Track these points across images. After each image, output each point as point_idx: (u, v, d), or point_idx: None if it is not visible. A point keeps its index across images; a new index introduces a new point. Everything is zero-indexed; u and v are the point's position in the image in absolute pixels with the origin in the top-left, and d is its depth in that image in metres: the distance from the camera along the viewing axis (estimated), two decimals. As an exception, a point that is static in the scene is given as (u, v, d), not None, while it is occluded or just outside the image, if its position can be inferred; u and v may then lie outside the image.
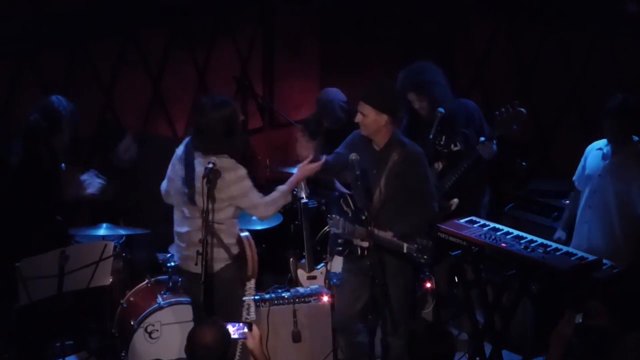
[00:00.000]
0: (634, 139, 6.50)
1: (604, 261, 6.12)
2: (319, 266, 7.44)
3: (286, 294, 6.89)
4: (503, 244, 6.14)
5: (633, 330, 4.98)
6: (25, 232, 6.40)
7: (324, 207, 7.56)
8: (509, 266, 6.25)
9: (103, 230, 6.91)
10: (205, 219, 5.96)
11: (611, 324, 5.12)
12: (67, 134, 6.71)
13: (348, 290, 6.48)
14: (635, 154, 6.49)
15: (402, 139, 6.29)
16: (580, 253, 6.10)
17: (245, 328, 5.20)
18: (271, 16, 9.07)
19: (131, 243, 7.10)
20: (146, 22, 8.26)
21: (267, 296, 6.76)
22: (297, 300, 6.89)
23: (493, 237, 6.21)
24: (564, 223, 6.92)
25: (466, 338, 7.05)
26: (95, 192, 6.81)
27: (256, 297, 6.51)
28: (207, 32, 8.69)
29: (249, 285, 6.35)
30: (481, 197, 7.20)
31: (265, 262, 7.10)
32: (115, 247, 6.53)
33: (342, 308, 6.53)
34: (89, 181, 6.78)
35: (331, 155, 6.42)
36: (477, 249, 6.21)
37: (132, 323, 6.69)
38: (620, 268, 6.10)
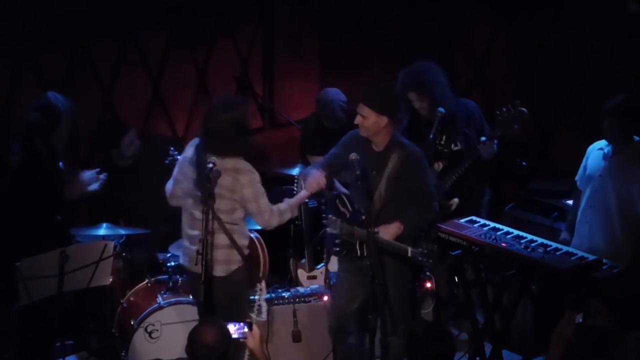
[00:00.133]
0: (635, 139, 6.50)
1: (604, 261, 6.12)
2: (319, 266, 7.44)
3: (286, 294, 6.90)
4: (503, 244, 6.15)
5: (633, 330, 4.98)
6: (25, 232, 6.39)
7: (324, 207, 7.55)
8: (509, 266, 6.25)
9: (103, 230, 6.92)
10: (205, 219, 5.97)
11: (611, 324, 5.12)
12: (66, 131, 6.67)
13: (344, 290, 6.47)
14: (636, 154, 6.49)
15: (402, 140, 6.28)
16: (580, 253, 6.10)
17: (245, 328, 5.20)
18: (271, 16, 9.07)
19: (131, 243, 7.09)
20: (146, 22, 8.26)
21: (267, 296, 6.77)
22: (297, 300, 6.90)
23: (493, 237, 6.21)
24: (569, 224, 6.88)
25: (466, 338, 7.06)
26: (97, 188, 6.79)
27: (271, 295, 6.53)
28: (207, 32, 8.68)
29: (260, 286, 6.37)
30: (481, 197, 7.20)
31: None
32: (115, 247, 6.53)
33: (338, 308, 6.52)
34: (89, 178, 6.76)
35: (327, 155, 6.42)
36: (477, 249, 6.22)
37: (132, 323, 6.69)
38: (620, 268, 6.10)
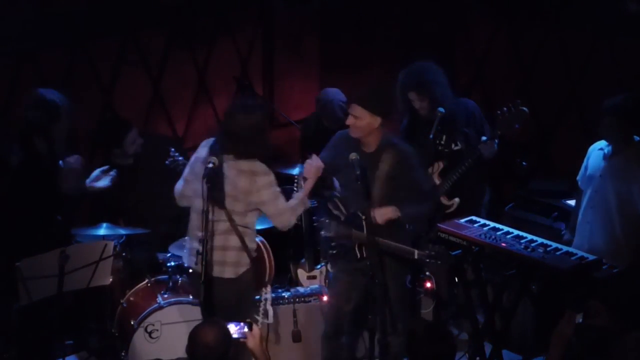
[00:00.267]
0: (635, 139, 6.50)
1: (604, 261, 6.12)
2: (319, 266, 7.44)
3: (286, 294, 6.91)
4: (503, 244, 6.15)
5: (633, 330, 4.97)
6: (25, 232, 6.39)
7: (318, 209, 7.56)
8: (509, 266, 6.26)
9: (103, 230, 6.91)
10: (205, 219, 5.97)
11: (611, 324, 5.12)
12: (67, 122, 6.62)
13: (340, 290, 6.48)
14: (635, 154, 6.49)
15: (393, 140, 6.28)
16: (580, 253, 6.10)
17: (245, 328, 5.20)
18: (271, 16, 9.08)
19: (131, 243, 7.09)
20: (146, 22, 8.26)
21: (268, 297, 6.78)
22: (297, 300, 6.91)
23: (493, 237, 6.21)
24: (572, 224, 6.87)
25: (466, 338, 7.06)
26: (109, 184, 6.76)
27: (271, 295, 6.57)
28: (207, 32, 8.69)
29: (266, 290, 6.38)
30: (481, 197, 7.20)
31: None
32: (115, 247, 6.52)
33: (334, 307, 6.53)
34: (98, 174, 6.74)
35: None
36: (477, 249, 6.22)
37: (132, 323, 6.69)
38: (620, 268, 6.10)
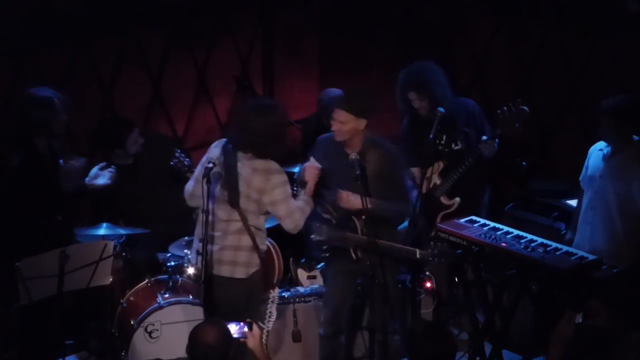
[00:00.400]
0: (634, 139, 6.50)
1: (604, 261, 6.12)
2: (319, 266, 7.44)
3: (286, 294, 6.90)
4: (503, 244, 6.14)
5: (633, 330, 4.97)
6: (25, 232, 6.39)
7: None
8: (509, 266, 6.25)
9: (103, 229, 6.92)
10: (205, 219, 5.97)
11: (611, 324, 5.12)
12: (64, 118, 6.60)
13: (336, 290, 6.54)
14: (634, 154, 6.49)
15: (376, 139, 6.32)
16: (580, 253, 6.09)
17: (245, 327, 5.20)
18: (271, 16, 9.08)
19: (131, 243, 7.10)
20: (146, 22, 8.26)
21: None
22: (297, 300, 6.91)
23: (493, 237, 6.21)
24: (573, 224, 6.86)
25: (466, 338, 7.06)
26: (108, 182, 6.76)
27: (281, 293, 6.60)
28: (207, 32, 8.69)
29: (273, 292, 6.39)
30: (481, 197, 7.20)
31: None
32: (115, 247, 6.52)
33: (331, 309, 6.56)
34: (97, 172, 6.73)
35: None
36: (477, 249, 6.21)
37: (132, 323, 6.69)
38: (620, 268, 6.10)
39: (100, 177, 6.73)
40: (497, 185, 8.04)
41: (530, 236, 6.25)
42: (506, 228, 6.37)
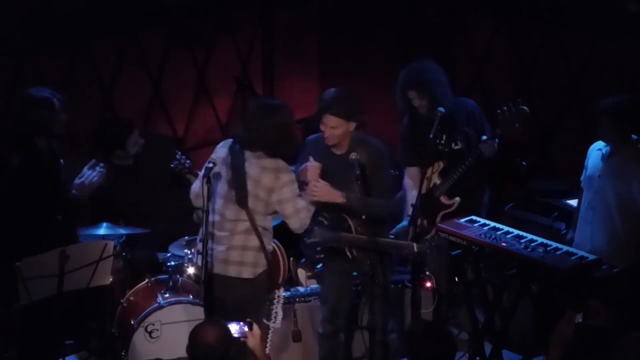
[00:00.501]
0: (633, 138, 6.50)
1: (604, 261, 6.12)
2: (319, 266, 7.43)
3: (286, 294, 6.90)
4: (503, 244, 6.14)
5: (633, 330, 4.98)
6: (25, 232, 6.39)
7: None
8: (509, 266, 6.25)
9: (103, 229, 6.92)
10: (205, 219, 5.97)
11: (611, 324, 5.12)
12: (63, 117, 6.58)
13: (334, 290, 6.55)
14: (633, 153, 6.49)
15: (362, 138, 6.34)
16: (580, 252, 6.09)
17: (246, 327, 5.20)
18: (271, 16, 9.08)
19: (131, 242, 7.10)
20: (146, 22, 8.26)
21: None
22: (297, 299, 6.91)
23: (493, 237, 6.21)
24: (575, 223, 6.87)
25: (466, 338, 7.06)
26: (98, 180, 6.71)
27: (285, 294, 6.61)
28: (207, 32, 8.69)
29: (279, 293, 6.39)
30: (481, 197, 7.20)
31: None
32: (115, 247, 6.52)
33: (330, 309, 6.58)
34: (88, 173, 6.72)
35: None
36: (477, 249, 6.22)
37: (132, 322, 6.69)
38: (621, 268, 6.10)
39: (91, 178, 6.68)
40: (497, 185, 8.04)
41: (530, 236, 6.25)
42: (506, 228, 6.37)
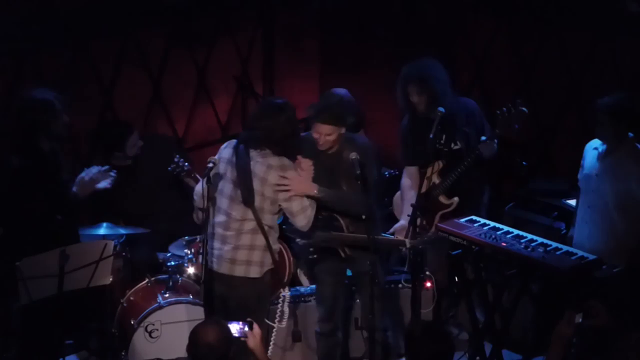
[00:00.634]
0: (629, 135, 6.51)
1: (604, 260, 6.12)
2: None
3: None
4: (503, 244, 6.15)
5: (633, 330, 4.98)
6: (26, 232, 6.39)
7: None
8: (509, 266, 6.26)
9: (103, 229, 6.92)
10: (205, 219, 5.97)
11: (611, 324, 5.12)
12: (64, 118, 6.58)
13: (329, 289, 6.58)
14: (630, 151, 6.50)
15: (349, 136, 6.36)
16: (580, 252, 6.09)
17: (246, 327, 5.20)
18: (271, 16, 9.08)
19: (131, 242, 7.10)
20: (146, 22, 8.26)
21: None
22: (297, 299, 6.90)
23: (493, 237, 6.21)
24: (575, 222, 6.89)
25: (466, 338, 7.06)
26: (108, 186, 6.72)
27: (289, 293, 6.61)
28: (207, 32, 8.69)
29: (284, 292, 6.39)
30: (480, 196, 7.20)
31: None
32: (115, 247, 6.51)
33: (326, 309, 6.60)
34: (95, 175, 6.73)
35: None
36: (477, 249, 6.22)
37: (132, 322, 6.69)
38: (620, 268, 6.10)
39: (101, 182, 6.73)
40: (497, 184, 8.04)
41: (530, 236, 6.26)
42: (506, 228, 6.37)
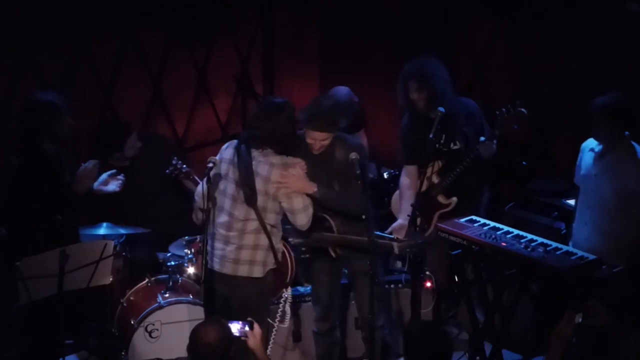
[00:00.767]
0: (626, 134, 6.51)
1: (604, 260, 6.12)
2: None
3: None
4: (503, 244, 6.15)
5: (633, 330, 4.98)
6: (26, 232, 6.39)
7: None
8: (509, 266, 6.26)
9: (103, 229, 6.93)
10: (206, 219, 5.97)
11: (611, 324, 5.12)
12: (68, 121, 6.60)
13: (324, 289, 6.61)
14: (627, 150, 6.50)
15: (340, 136, 6.36)
16: (580, 252, 6.09)
17: (246, 327, 5.21)
18: (271, 16, 9.08)
19: (131, 242, 7.10)
20: (146, 22, 8.26)
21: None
22: (297, 300, 6.91)
23: (493, 237, 6.21)
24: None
25: (466, 338, 7.06)
26: (116, 189, 6.79)
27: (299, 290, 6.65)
28: (207, 32, 8.69)
29: (286, 292, 6.40)
30: (479, 196, 7.20)
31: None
32: (115, 246, 6.51)
33: (322, 308, 6.62)
34: (107, 179, 6.75)
35: None
36: (477, 249, 6.22)
37: (132, 322, 6.69)
38: (620, 267, 6.10)
39: (110, 185, 6.76)
40: (497, 184, 8.04)
41: (530, 236, 6.25)
42: (506, 228, 6.37)
